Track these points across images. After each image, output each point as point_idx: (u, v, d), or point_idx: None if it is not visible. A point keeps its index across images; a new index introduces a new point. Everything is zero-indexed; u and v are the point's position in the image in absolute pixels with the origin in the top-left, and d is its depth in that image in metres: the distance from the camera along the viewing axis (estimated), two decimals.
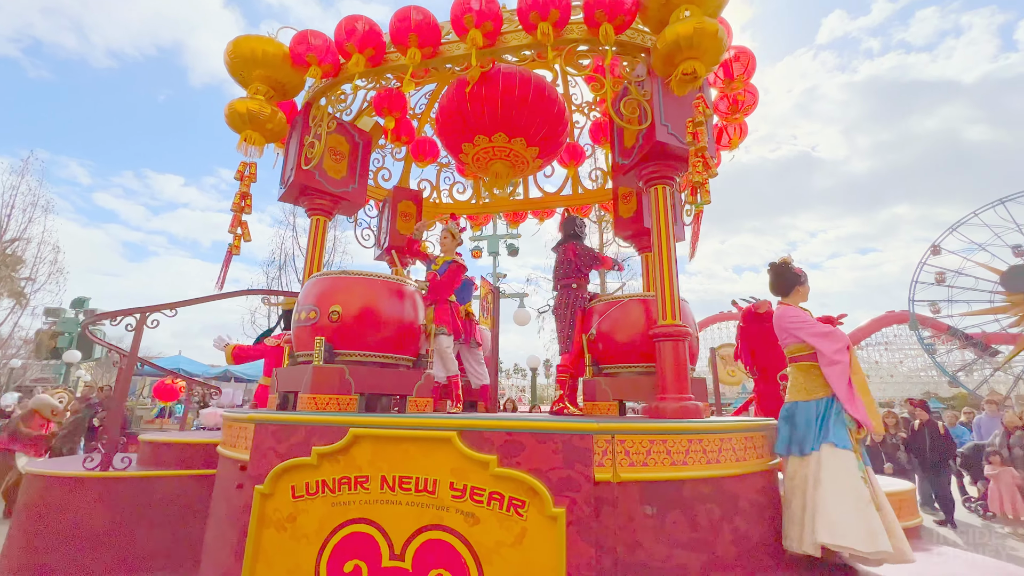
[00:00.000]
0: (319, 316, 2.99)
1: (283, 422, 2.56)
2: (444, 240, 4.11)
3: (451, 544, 2.19)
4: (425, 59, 3.31)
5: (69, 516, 3.03)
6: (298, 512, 2.41)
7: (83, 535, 2.98)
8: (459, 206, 5.81)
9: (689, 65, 2.72)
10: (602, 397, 3.43)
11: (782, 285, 2.88)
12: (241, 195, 3.46)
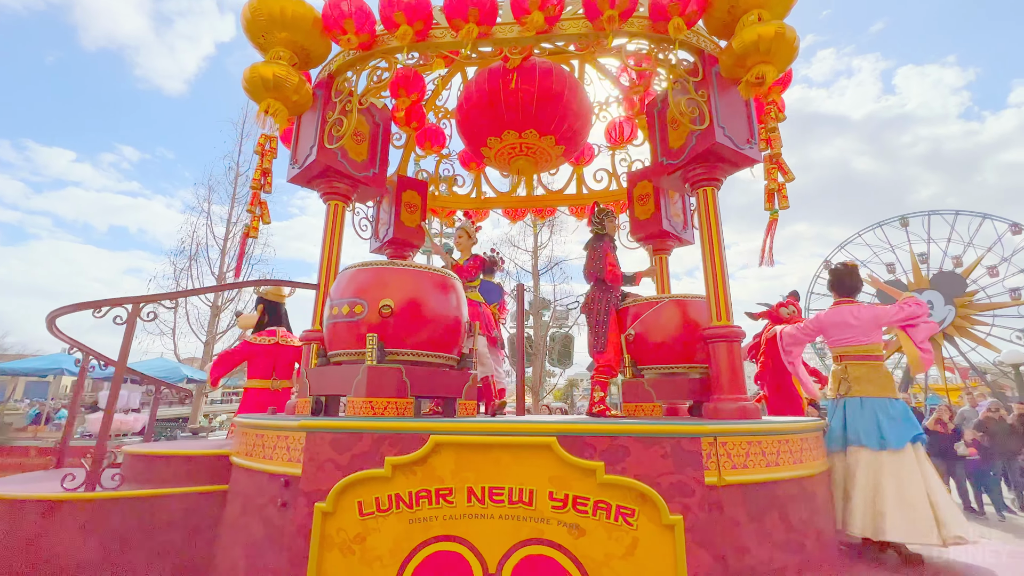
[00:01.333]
0: (367, 311, 2.69)
1: (344, 430, 2.26)
2: (460, 239, 3.93)
3: (555, 559, 2.03)
4: (479, 38, 3.09)
5: (45, 549, 2.50)
6: (367, 532, 2.13)
7: (66, 572, 2.47)
8: (457, 200, 5.57)
9: (760, 69, 2.75)
10: (645, 398, 3.39)
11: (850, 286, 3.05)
12: (263, 172, 3.05)
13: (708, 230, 3.21)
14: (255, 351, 4.42)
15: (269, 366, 4.45)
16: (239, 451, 2.77)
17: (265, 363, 4.45)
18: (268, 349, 4.45)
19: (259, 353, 4.43)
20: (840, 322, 2.99)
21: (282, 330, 4.56)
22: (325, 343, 3.00)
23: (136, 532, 2.63)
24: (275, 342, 4.47)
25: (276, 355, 4.47)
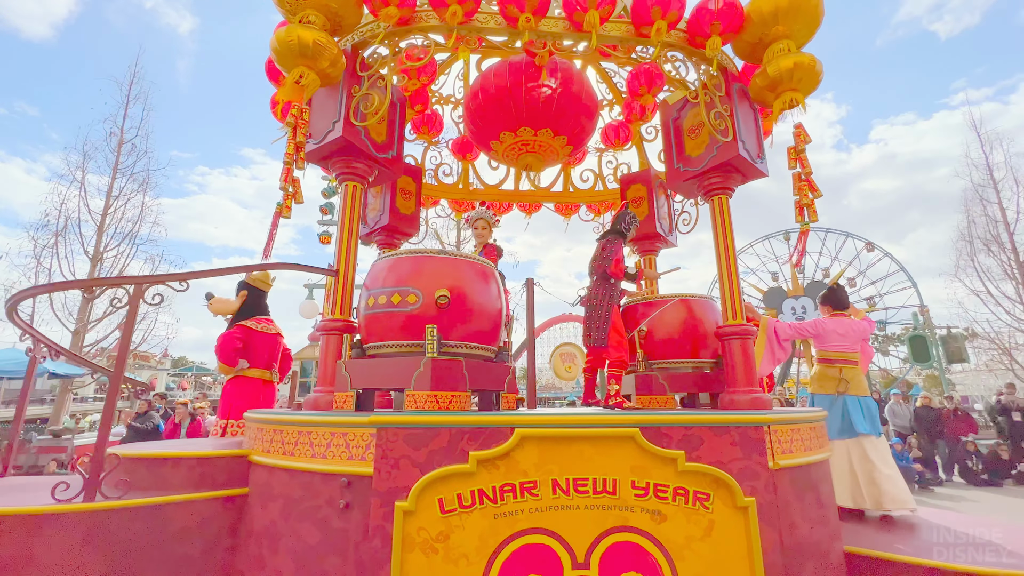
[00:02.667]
0: (421, 301, 2.58)
1: (421, 424, 2.16)
2: (480, 229, 3.89)
3: (640, 545, 2.11)
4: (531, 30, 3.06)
5: (37, 571, 2.11)
6: (450, 529, 2.07)
7: None
8: (443, 188, 5.43)
9: (790, 95, 3.03)
10: (659, 391, 3.58)
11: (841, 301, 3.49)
12: (296, 146, 2.76)
13: (723, 236, 3.47)
14: (256, 338, 4.02)
15: (271, 357, 4.11)
16: (266, 450, 2.54)
17: (266, 353, 4.09)
18: (269, 339, 4.09)
19: (260, 341, 4.05)
20: (839, 331, 3.43)
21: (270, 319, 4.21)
22: (359, 334, 2.83)
23: (147, 545, 2.31)
24: (277, 332, 4.15)
25: (275, 346, 4.14)
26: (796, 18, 3.01)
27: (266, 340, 4.14)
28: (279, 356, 4.24)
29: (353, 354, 2.77)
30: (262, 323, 4.16)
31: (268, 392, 4.13)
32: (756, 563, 2.10)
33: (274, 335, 4.20)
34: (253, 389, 4.08)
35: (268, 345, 4.16)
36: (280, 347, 4.26)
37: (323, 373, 3.03)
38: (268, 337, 4.15)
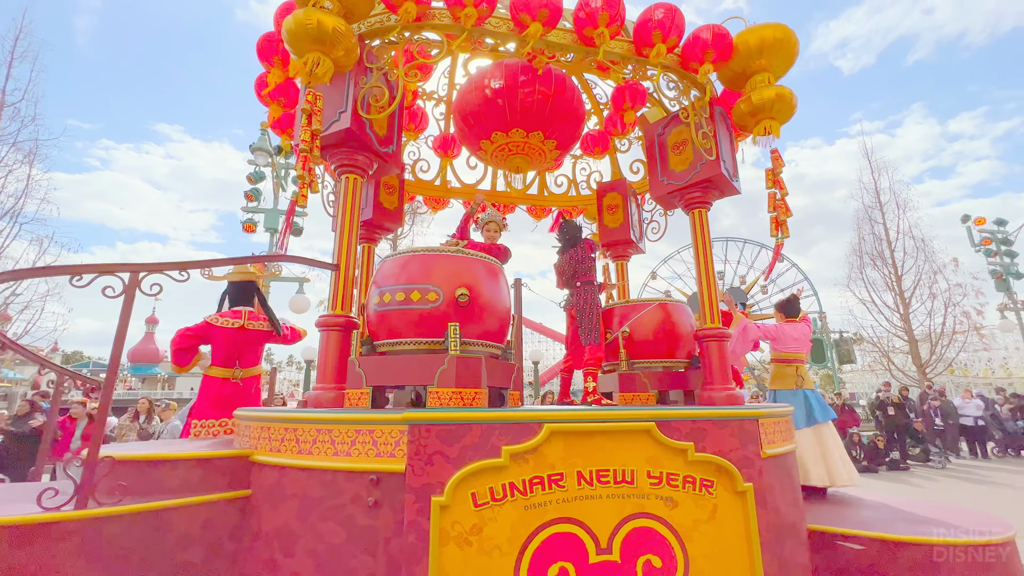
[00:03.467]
0: (442, 299, 2.60)
1: (453, 421, 2.20)
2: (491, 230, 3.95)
3: (655, 529, 2.29)
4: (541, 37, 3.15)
5: None
6: (484, 522, 2.14)
7: None
8: (421, 185, 5.39)
9: (768, 123, 3.37)
10: (640, 388, 3.83)
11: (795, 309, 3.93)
12: (312, 134, 2.65)
13: (702, 246, 3.78)
14: (215, 334, 3.76)
15: (231, 353, 3.83)
16: (274, 449, 2.44)
17: (227, 349, 3.82)
18: (230, 333, 3.82)
19: (220, 337, 3.78)
20: (794, 335, 3.88)
21: (248, 311, 3.94)
22: (370, 330, 2.79)
23: (147, 554, 2.15)
24: (240, 325, 3.86)
25: (240, 341, 3.87)
26: (777, 54, 3.36)
27: (228, 335, 3.88)
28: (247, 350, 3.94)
29: (364, 351, 2.73)
30: (226, 317, 3.91)
31: (240, 390, 3.88)
32: (754, 542, 2.35)
33: (237, 329, 3.90)
34: (225, 389, 3.84)
35: (230, 340, 3.89)
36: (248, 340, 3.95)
37: (324, 370, 2.95)
38: (229, 332, 3.87)
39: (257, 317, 4.00)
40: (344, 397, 2.85)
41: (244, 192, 12.62)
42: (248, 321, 3.92)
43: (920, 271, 19.55)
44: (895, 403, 11.45)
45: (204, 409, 3.78)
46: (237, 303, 3.95)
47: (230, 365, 3.88)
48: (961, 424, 12.25)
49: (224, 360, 3.86)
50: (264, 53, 3.43)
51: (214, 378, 3.84)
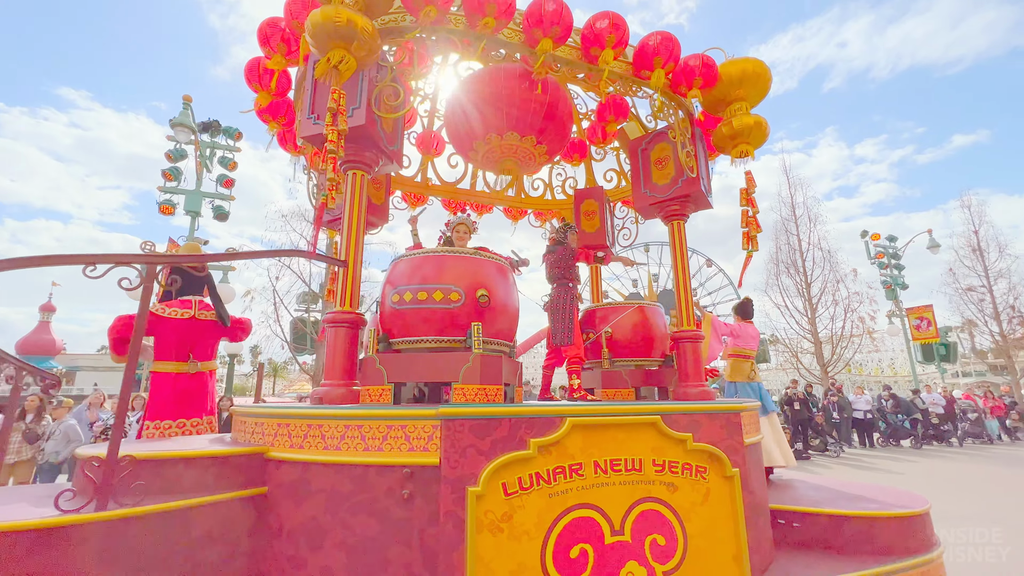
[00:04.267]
0: (463, 299, 2.70)
1: (484, 416, 2.32)
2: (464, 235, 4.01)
3: (660, 511, 2.55)
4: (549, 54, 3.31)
5: None
6: (513, 510, 2.29)
7: None
8: (401, 180, 5.38)
9: (744, 147, 3.76)
10: (621, 384, 4.12)
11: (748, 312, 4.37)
12: (339, 134, 2.62)
13: (679, 253, 4.12)
14: (162, 325, 3.49)
15: (183, 345, 3.58)
16: (296, 446, 2.44)
17: (176, 341, 3.56)
18: (180, 325, 3.56)
19: (168, 328, 3.52)
20: (751, 334, 4.34)
21: (200, 300, 3.70)
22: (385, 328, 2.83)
23: (169, 555, 2.10)
24: (191, 316, 3.60)
25: (191, 332, 3.62)
26: (754, 85, 3.74)
27: (176, 327, 3.59)
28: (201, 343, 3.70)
29: (380, 348, 2.77)
30: (175, 306, 3.60)
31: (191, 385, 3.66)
32: (739, 520, 2.68)
33: (188, 320, 3.62)
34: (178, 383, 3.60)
35: (178, 332, 3.61)
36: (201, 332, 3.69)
37: (332, 366, 2.94)
38: (178, 323, 3.59)
39: (209, 307, 3.74)
40: (355, 393, 2.87)
41: (162, 170, 11.65)
42: (200, 311, 3.65)
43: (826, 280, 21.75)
44: (800, 399, 12.78)
45: (158, 409, 3.54)
46: (187, 292, 3.71)
47: (182, 359, 3.62)
48: (854, 417, 13.94)
49: (175, 353, 3.59)
50: (266, 39, 3.32)
51: (164, 374, 3.57)
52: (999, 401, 16.16)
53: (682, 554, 2.52)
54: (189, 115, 11.76)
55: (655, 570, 2.45)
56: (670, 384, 4.20)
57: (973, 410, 15.10)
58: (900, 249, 23.89)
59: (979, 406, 15.35)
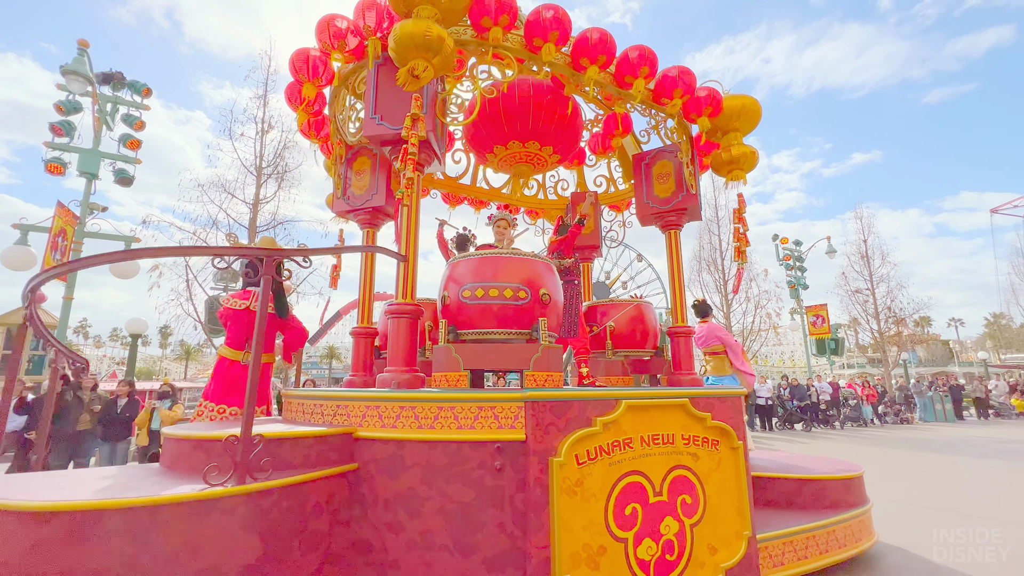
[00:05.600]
0: (529, 297, 3.07)
1: (560, 399, 2.72)
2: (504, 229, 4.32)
3: (687, 477, 3.10)
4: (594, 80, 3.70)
5: (202, 558, 1.99)
6: (583, 476, 2.72)
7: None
8: None
9: (738, 173, 4.39)
10: (624, 373, 4.67)
11: (706, 311, 5.10)
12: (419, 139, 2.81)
13: (675, 259, 4.72)
14: (227, 314, 3.59)
15: (241, 334, 3.68)
16: (388, 425, 2.70)
17: (236, 329, 3.66)
18: (239, 314, 3.65)
19: (230, 317, 3.62)
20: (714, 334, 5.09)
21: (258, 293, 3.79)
22: (451, 320, 3.13)
23: (291, 524, 2.31)
24: (247, 306, 3.70)
25: (248, 323, 3.71)
26: (748, 118, 4.38)
27: (237, 316, 3.72)
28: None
29: (450, 338, 3.06)
30: (236, 298, 3.75)
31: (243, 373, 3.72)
32: (742, 482, 3.30)
33: (243, 311, 3.73)
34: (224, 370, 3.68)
35: (237, 321, 3.75)
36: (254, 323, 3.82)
37: (396, 354, 3.19)
38: (238, 313, 3.72)
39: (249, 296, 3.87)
40: (420, 378, 3.14)
41: (50, 124, 10.19)
42: (255, 303, 3.79)
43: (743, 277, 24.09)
44: None
45: (212, 391, 3.63)
46: (251, 283, 3.79)
47: (239, 347, 3.73)
48: (757, 404, 15.84)
49: (234, 341, 3.71)
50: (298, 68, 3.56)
51: (223, 359, 3.69)
52: (873, 390, 19.04)
53: (703, 510, 3.10)
54: (85, 62, 10.27)
55: (684, 523, 3.00)
56: (660, 372, 4.81)
57: (853, 397, 17.69)
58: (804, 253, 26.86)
59: (858, 394, 18.01)
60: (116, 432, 6.91)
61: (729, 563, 3.06)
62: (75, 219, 9.94)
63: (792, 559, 3.50)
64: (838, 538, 3.76)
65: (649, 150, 4.92)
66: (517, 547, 2.53)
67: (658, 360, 4.85)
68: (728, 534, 3.15)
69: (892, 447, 10.55)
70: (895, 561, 3.97)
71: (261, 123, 14.60)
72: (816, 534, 3.66)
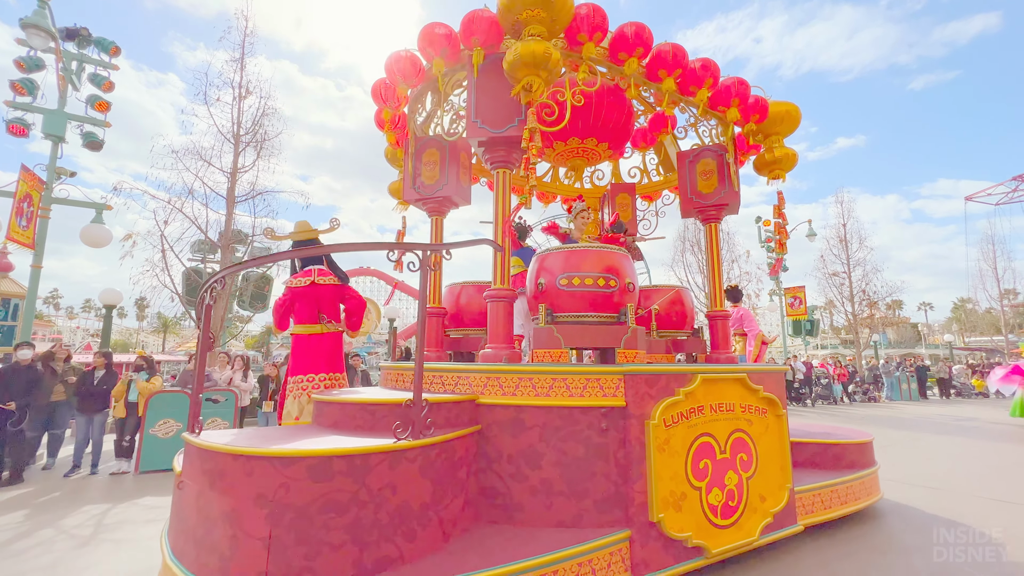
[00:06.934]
0: (619, 285, 3.54)
1: (652, 372, 3.24)
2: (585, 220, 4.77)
3: (744, 439, 3.68)
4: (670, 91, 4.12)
5: (396, 496, 2.46)
6: (669, 436, 3.26)
7: (410, 513, 2.54)
8: None
9: (779, 172, 4.89)
10: (667, 351, 5.21)
11: (737, 296, 5.67)
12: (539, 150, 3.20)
13: (714, 249, 5.23)
14: (294, 295, 4.05)
15: (311, 308, 4.13)
16: (508, 393, 3.18)
17: (304, 306, 4.11)
18: (305, 291, 4.11)
19: (297, 296, 4.07)
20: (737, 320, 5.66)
21: (318, 268, 4.20)
22: (549, 304, 3.59)
23: (446, 472, 2.79)
24: (311, 282, 4.14)
25: (314, 297, 4.15)
26: (790, 123, 4.85)
27: (303, 293, 4.19)
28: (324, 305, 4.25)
29: (547, 320, 3.53)
30: (299, 277, 4.19)
31: (323, 343, 4.20)
32: (784, 444, 3.90)
33: (309, 286, 4.20)
34: (300, 344, 4.14)
35: (305, 298, 4.21)
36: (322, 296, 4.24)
37: (496, 332, 3.65)
38: (303, 290, 4.20)
39: (326, 273, 4.26)
40: (517, 353, 3.62)
41: (11, 81, 9.54)
42: (318, 277, 4.20)
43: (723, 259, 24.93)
44: None
45: (294, 366, 4.09)
46: (307, 263, 4.20)
47: (313, 321, 4.15)
48: None
49: (306, 317, 4.14)
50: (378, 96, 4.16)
51: (299, 335, 4.14)
52: (844, 369, 20.23)
53: (756, 466, 3.69)
54: (47, 16, 9.61)
55: (742, 476, 3.59)
56: (696, 351, 5.38)
57: (825, 376, 18.83)
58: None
59: (829, 373, 19.17)
60: (93, 404, 6.88)
61: (775, 509, 3.67)
62: (41, 184, 9.50)
63: (819, 508, 4.15)
64: (854, 492, 4.44)
65: (693, 148, 5.37)
66: (620, 492, 3.06)
67: (693, 340, 5.40)
68: (774, 486, 3.76)
69: (860, 423, 11.37)
70: (894, 510, 4.69)
71: (238, 88, 13.87)
72: (837, 488, 4.32)
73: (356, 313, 4.40)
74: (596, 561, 2.81)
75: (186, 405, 6.66)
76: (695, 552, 3.18)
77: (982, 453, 7.66)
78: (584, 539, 2.82)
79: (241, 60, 14.07)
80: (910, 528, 4.24)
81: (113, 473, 6.55)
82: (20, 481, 6.12)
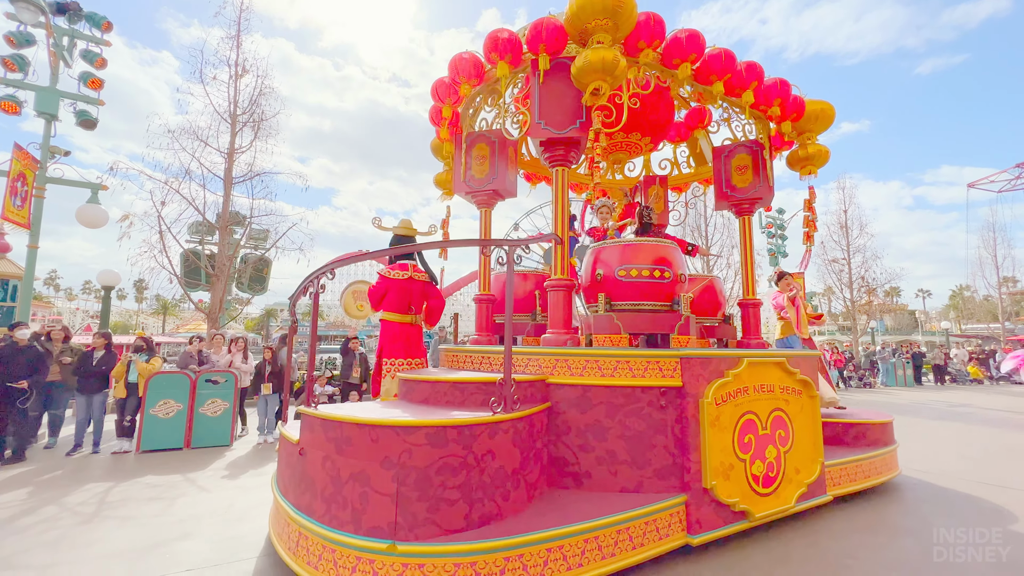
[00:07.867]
0: (672, 277, 3.85)
1: (705, 355, 3.56)
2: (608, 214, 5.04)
3: (782, 417, 4.02)
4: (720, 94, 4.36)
5: (494, 462, 2.80)
6: (719, 413, 3.60)
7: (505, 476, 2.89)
8: None
9: (811, 168, 5.15)
10: (700, 336, 5.53)
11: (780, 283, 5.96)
12: (603, 150, 3.46)
13: (748, 240, 5.52)
14: (391, 285, 4.35)
15: (404, 300, 4.44)
16: (576, 374, 3.50)
17: (398, 297, 4.42)
18: (401, 284, 4.42)
19: (395, 287, 4.37)
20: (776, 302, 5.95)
21: (413, 264, 4.53)
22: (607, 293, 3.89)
23: (528, 442, 3.14)
24: (408, 276, 4.46)
25: (409, 290, 4.47)
26: (824, 121, 5.09)
27: (400, 285, 4.50)
28: (414, 298, 4.59)
29: (606, 308, 3.84)
30: (397, 270, 4.50)
31: (412, 332, 4.53)
32: (817, 422, 4.25)
33: (407, 280, 4.55)
34: (393, 330, 4.47)
35: (400, 290, 4.52)
36: (414, 290, 4.59)
37: (556, 318, 3.97)
38: (401, 283, 4.51)
39: (420, 270, 4.62)
40: (577, 339, 3.93)
41: (1, 57, 9.43)
42: (414, 273, 4.55)
43: (723, 245, 24.98)
44: None
45: (390, 349, 4.42)
46: (403, 258, 4.52)
47: (404, 311, 4.49)
48: None
49: (398, 306, 4.47)
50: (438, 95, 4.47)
51: (392, 322, 4.45)
52: (841, 355, 20.61)
53: (792, 441, 4.04)
54: None
55: (780, 451, 3.94)
56: (726, 337, 5.71)
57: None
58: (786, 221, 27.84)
59: (826, 359, 19.52)
60: (92, 384, 6.79)
61: (808, 480, 4.04)
62: (35, 163, 9.47)
63: (846, 481, 4.53)
64: (876, 467, 4.82)
65: (728, 144, 5.62)
66: (677, 463, 3.41)
67: (724, 327, 5.72)
68: (807, 460, 4.12)
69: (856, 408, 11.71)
70: (912, 484, 5.08)
71: (235, 66, 13.54)
72: (862, 464, 4.69)
73: (437, 311, 4.77)
74: (659, 521, 3.17)
75: (186, 386, 6.85)
76: (741, 516, 3.55)
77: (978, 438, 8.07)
78: (648, 503, 3.18)
79: (237, 37, 13.74)
80: (928, 499, 4.63)
81: (115, 452, 6.52)
82: (23, 460, 6.09)
